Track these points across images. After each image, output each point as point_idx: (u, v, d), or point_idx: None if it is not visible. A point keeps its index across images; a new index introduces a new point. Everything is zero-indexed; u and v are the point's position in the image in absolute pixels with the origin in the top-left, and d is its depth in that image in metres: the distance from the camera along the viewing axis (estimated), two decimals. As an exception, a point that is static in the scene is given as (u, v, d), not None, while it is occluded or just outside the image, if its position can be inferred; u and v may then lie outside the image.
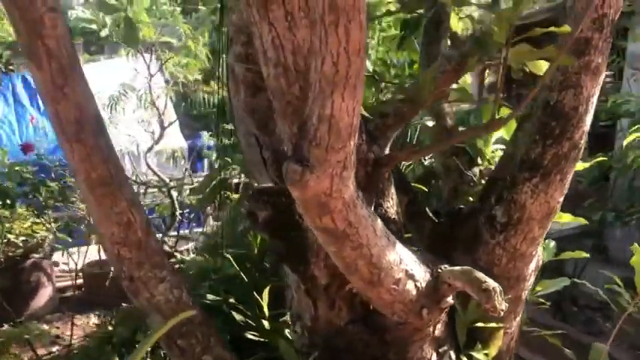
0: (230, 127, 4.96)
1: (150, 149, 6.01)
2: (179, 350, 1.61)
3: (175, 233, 6.14)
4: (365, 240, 1.34)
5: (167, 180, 6.01)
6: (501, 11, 1.44)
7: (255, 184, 2.57)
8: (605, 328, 4.81)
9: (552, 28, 1.41)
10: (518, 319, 2.03)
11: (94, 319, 5.70)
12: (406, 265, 1.48)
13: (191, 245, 6.62)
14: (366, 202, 1.41)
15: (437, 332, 1.75)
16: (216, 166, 6.69)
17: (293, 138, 1.52)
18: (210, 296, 2.76)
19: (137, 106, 6.23)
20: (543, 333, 2.17)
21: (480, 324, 1.91)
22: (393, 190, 1.93)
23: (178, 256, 6.23)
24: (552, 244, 2.34)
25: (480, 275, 1.41)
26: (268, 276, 2.78)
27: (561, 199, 1.78)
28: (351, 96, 1.15)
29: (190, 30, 5.77)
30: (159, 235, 6.20)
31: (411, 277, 1.50)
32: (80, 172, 1.37)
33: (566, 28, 1.40)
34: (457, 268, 1.51)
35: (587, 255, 2.28)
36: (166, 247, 6.13)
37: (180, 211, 6.25)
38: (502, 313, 1.38)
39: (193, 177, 6.33)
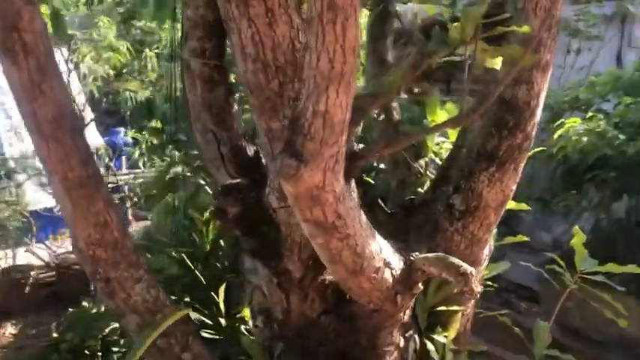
0: (158, 125, 4.85)
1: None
2: (158, 351, 1.57)
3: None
4: (352, 231, 1.38)
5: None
6: (468, 10, 1.52)
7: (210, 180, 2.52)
8: (521, 308, 5.16)
9: (514, 28, 1.52)
10: (472, 301, 2.15)
11: (10, 329, 5.40)
12: (384, 254, 1.54)
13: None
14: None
15: (405, 317, 1.83)
16: (141, 163, 6.51)
17: (270, 133, 1.53)
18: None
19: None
20: (490, 314, 2.30)
21: (439, 308, 2.02)
22: (353, 183, 1.98)
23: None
24: (495, 230, 2.49)
25: (456, 260, 1.49)
26: (219, 274, 2.76)
27: (514, 187, 1.90)
28: (345, 92, 1.18)
29: (109, 22, 5.54)
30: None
31: (387, 265, 1.56)
32: (56, 173, 1.31)
33: (527, 28, 1.51)
34: (431, 255, 1.58)
35: (528, 239, 2.45)
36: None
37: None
38: (478, 295, 1.46)
39: (118, 175, 6.10)
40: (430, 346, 1.98)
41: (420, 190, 2.51)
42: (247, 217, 1.73)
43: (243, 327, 2.63)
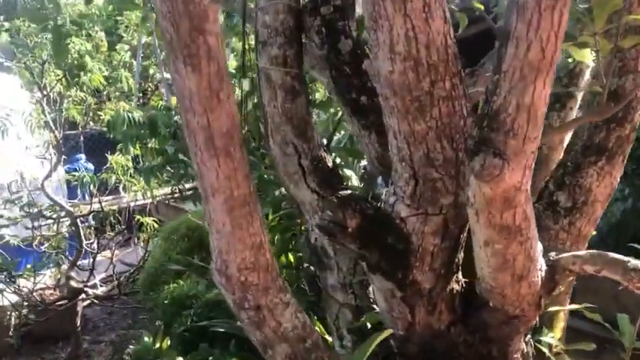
0: (154, 145, 4.63)
1: (48, 176, 5.41)
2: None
3: (87, 267, 5.60)
4: (532, 233, 1.31)
5: (71, 209, 5.44)
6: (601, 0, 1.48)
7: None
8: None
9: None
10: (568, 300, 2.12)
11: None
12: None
13: (99, 278, 6.08)
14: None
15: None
16: (121, 188, 6.20)
17: (412, 137, 1.44)
18: (216, 325, 2.53)
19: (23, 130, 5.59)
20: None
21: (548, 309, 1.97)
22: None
23: (90, 292, 5.69)
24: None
25: (618, 256, 1.44)
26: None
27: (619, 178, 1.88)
28: (550, 82, 1.12)
29: (85, 45, 5.27)
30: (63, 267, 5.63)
31: (540, 267, 1.49)
32: (221, 192, 1.17)
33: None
34: (582, 252, 1.53)
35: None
36: (74, 283, 5.57)
37: (87, 242, 5.72)
38: (649, 290, 1.41)
39: (96, 203, 5.78)
40: (543, 348, 1.92)
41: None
42: (368, 229, 1.63)
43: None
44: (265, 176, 2.82)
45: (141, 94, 9.94)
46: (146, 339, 2.52)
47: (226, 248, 1.27)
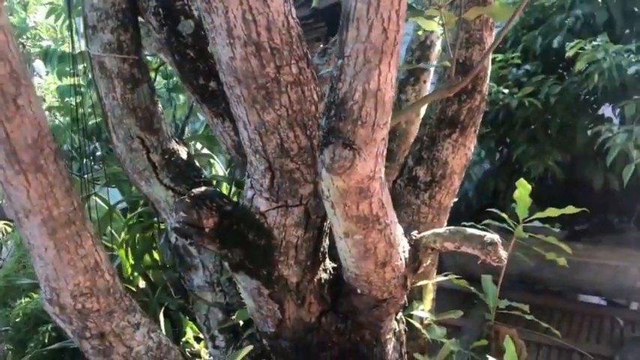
0: None
1: None
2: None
3: None
4: (389, 219, 1.26)
5: None
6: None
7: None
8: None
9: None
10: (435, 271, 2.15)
11: None
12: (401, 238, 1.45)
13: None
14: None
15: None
16: None
17: (262, 127, 1.33)
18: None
19: None
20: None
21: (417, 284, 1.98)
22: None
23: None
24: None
25: (474, 230, 1.44)
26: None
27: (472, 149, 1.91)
28: (395, 64, 1.06)
29: None
30: None
31: (403, 249, 1.47)
32: (37, 214, 0.99)
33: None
34: (441, 230, 1.52)
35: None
36: None
37: None
38: (505, 261, 1.43)
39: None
40: (415, 322, 1.94)
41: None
42: (228, 227, 1.51)
43: (187, 351, 2.37)
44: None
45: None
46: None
47: (54, 275, 1.09)
